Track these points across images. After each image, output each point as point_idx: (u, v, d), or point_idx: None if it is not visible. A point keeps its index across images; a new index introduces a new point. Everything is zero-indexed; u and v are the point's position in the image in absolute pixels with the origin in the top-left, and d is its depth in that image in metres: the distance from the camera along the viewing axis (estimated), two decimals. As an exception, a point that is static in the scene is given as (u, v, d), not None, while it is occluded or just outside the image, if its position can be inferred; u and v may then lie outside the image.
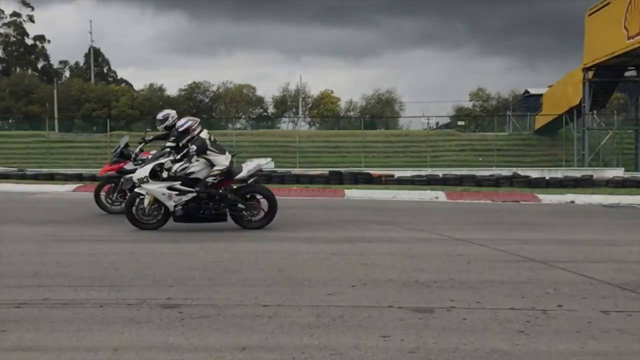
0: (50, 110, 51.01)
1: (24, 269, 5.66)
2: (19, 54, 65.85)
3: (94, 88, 55.44)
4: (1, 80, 57.11)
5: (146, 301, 4.50)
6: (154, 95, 59.63)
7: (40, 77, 62.22)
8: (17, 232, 8.04)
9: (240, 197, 8.37)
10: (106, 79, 65.00)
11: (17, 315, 4.12)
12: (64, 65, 68.92)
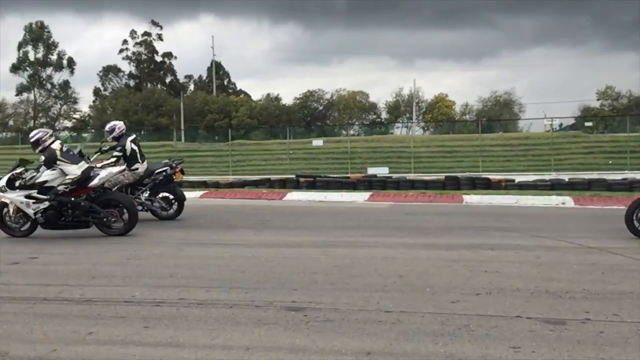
0: (177, 122, 54.51)
1: (161, 270, 6.08)
2: (149, 71, 71.02)
3: (216, 100, 58.51)
4: (134, 95, 61.89)
5: (272, 303, 4.66)
6: (271, 104, 61.86)
7: (168, 91, 66.68)
8: (153, 236, 8.64)
9: (98, 205, 8.45)
10: (227, 91, 68.32)
11: (157, 313, 4.44)
12: (189, 80, 73.41)
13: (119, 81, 71.24)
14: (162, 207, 10.66)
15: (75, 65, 68.88)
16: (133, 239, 8.29)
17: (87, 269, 6.12)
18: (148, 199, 10.58)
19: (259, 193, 17.17)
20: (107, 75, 70.99)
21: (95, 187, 8.63)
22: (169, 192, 10.73)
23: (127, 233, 8.56)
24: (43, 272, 6.03)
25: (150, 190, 10.60)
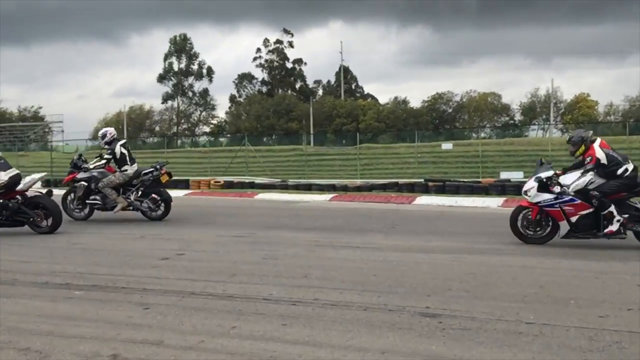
0: (307, 126, 56.00)
1: (296, 270, 6.27)
2: (280, 77, 73.72)
3: (344, 104, 59.34)
4: (267, 101, 64.53)
5: (406, 308, 4.63)
6: (398, 108, 61.55)
7: (298, 97, 68.74)
8: (287, 237, 8.95)
9: (27, 207, 9.31)
10: (354, 95, 69.06)
11: (294, 312, 4.58)
12: (318, 85, 75.16)
13: (252, 88, 74.70)
14: (150, 208, 11.31)
15: (213, 74, 73.39)
16: (268, 239, 8.66)
17: (227, 267, 6.48)
18: (137, 200, 11.27)
19: (387, 197, 17.16)
20: (242, 83, 74.72)
21: (22, 191, 9.51)
22: (156, 193, 11.33)
23: (53, 232, 9.37)
24: (189, 268, 6.47)
25: (139, 191, 11.27)
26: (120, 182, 11.25)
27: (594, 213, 7.55)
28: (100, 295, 5.20)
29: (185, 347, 3.77)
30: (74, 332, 4.08)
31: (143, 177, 11.37)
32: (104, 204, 11.38)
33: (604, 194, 7.46)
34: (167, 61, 72.66)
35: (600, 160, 7.51)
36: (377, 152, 35.34)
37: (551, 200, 7.66)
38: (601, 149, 7.64)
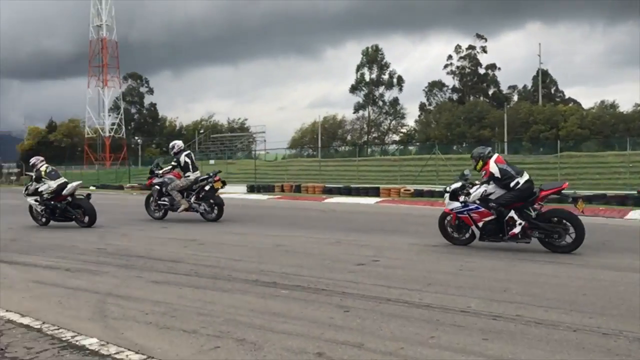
0: (500, 134, 53.71)
1: (494, 283, 6.04)
2: (472, 84, 71.82)
3: (542, 110, 55.85)
4: (457, 109, 63.26)
5: (623, 333, 4.19)
6: (605, 113, 56.22)
7: (490, 103, 66.34)
8: (482, 249, 8.66)
9: (72, 207, 12.31)
10: (553, 100, 64.69)
11: (494, 327, 4.41)
12: (513, 90, 71.85)
13: (442, 95, 73.88)
14: (206, 210, 13.08)
15: (403, 83, 74.11)
16: (462, 250, 8.46)
17: (423, 276, 6.46)
18: (196, 202, 13.05)
19: (594, 210, 15.72)
20: (432, 91, 74.28)
21: (67, 195, 12.26)
22: (211, 198, 13.03)
23: (90, 226, 12.04)
24: (385, 275, 6.57)
25: (197, 196, 13.05)
26: (183, 186, 13.08)
27: (497, 219, 8.42)
28: (303, 296, 5.51)
29: (385, 352, 3.83)
30: (282, 328, 4.38)
31: (200, 182, 13.05)
32: (171, 205, 13.25)
33: (501, 204, 8.35)
34: (359, 72, 75.07)
35: (494, 174, 8.43)
36: (581, 160, 32.62)
37: (460, 207, 8.76)
38: (496, 164, 8.48)
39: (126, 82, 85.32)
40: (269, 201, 24.02)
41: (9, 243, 9.61)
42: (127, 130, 79.24)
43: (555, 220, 8.29)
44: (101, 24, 71.61)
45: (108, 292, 5.70)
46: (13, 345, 4.00)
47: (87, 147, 73.64)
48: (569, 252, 8.04)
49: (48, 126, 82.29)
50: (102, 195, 30.82)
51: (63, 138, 78.52)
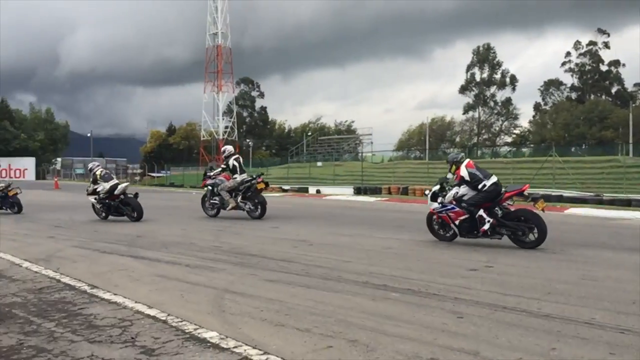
0: (625, 135, 50.04)
1: (621, 295, 5.63)
2: (593, 81, 67.54)
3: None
4: (576, 108, 59.74)
5: None
6: None
7: (613, 102, 62.03)
8: (606, 257, 8.13)
9: (124, 205, 14.14)
10: (687, 97, 59.25)
11: (623, 341, 4.10)
12: (638, 88, 66.64)
13: (560, 95, 70.13)
14: (250, 209, 14.38)
15: (516, 82, 71.19)
16: (584, 258, 7.98)
17: (541, 284, 6.15)
18: (242, 202, 14.40)
19: None
20: (548, 90, 70.74)
21: (118, 195, 14.16)
22: (255, 197, 14.35)
23: (138, 221, 13.74)
24: (499, 281, 6.33)
25: (243, 195, 14.39)
26: (231, 187, 14.47)
27: (470, 218, 9.25)
28: (414, 299, 5.44)
29: (503, 362, 3.69)
30: (394, 332, 4.35)
31: (245, 184, 14.40)
32: (221, 204, 14.69)
33: (471, 204, 9.23)
34: (469, 72, 73.13)
35: (464, 177, 9.38)
36: None
37: (439, 208, 9.66)
38: (466, 168, 9.41)
39: (239, 86, 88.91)
40: (376, 203, 24.00)
41: (135, 239, 10.32)
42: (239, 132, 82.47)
43: (521, 219, 9.08)
44: (217, 32, 75.05)
45: (225, 289, 5.95)
46: (142, 335, 4.29)
47: (202, 149, 77.46)
48: (534, 248, 8.78)
49: (168, 129, 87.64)
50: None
51: (181, 140, 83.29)
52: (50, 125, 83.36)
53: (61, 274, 6.80)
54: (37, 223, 13.67)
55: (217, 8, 74.58)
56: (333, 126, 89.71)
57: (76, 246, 9.39)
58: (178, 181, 53.11)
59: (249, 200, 14.34)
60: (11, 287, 6.10)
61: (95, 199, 14.51)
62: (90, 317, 4.83)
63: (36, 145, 76.70)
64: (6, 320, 4.75)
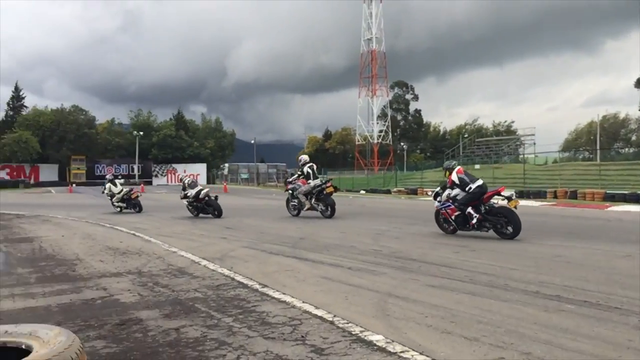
0: None
1: None
2: None
3: None
4: None
5: None
6: None
7: None
8: None
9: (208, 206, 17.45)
10: None
11: None
12: None
13: None
14: (322, 210, 16.33)
15: None
16: None
17: None
18: (315, 203, 16.44)
19: None
20: None
21: (203, 198, 17.31)
22: (326, 200, 16.30)
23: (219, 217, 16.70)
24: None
25: (316, 198, 16.41)
26: (306, 191, 16.48)
27: (462, 214, 11.19)
28: (592, 312, 5.03)
29: None
30: (572, 346, 4.05)
31: (317, 188, 16.42)
32: (299, 205, 16.81)
33: (461, 202, 11.20)
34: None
35: (455, 181, 11.38)
36: None
37: (440, 205, 11.71)
38: (457, 174, 11.39)
39: (393, 90, 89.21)
40: (542, 208, 22.61)
41: (299, 241, 10.76)
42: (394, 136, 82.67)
43: (499, 215, 10.81)
44: (371, 37, 76.08)
45: (388, 292, 5.98)
46: (311, 334, 4.45)
47: (357, 154, 78.86)
48: (512, 239, 10.46)
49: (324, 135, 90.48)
50: (370, 198, 32.68)
51: (337, 145, 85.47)
52: (219, 133, 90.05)
53: (235, 273, 7.30)
54: (210, 224, 14.83)
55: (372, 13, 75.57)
56: (491, 127, 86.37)
57: (245, 247, 10.02)
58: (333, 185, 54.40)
59: (321, 202, 16.41)
60: (193, 284, 6.67)
61: (187, 202, 17.83)
62: (263, 314, 5.12)
63: (207, 152, 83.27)
64: (190, 313, 5.20)
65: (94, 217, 17.75)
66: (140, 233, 12.50)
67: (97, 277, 7.17)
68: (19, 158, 68.25)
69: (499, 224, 10.75)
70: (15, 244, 11.10)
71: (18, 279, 7.25)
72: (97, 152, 78.10)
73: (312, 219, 15.47)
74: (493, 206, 11.01)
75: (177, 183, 73.61)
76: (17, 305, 5.68)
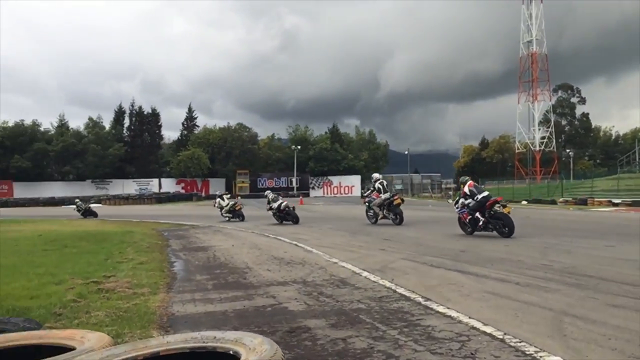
0: None
1: None
2: None
3: None
4: None
5: None
6: None
7: None
8: None
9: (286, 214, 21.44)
10: None
11: None
12: None
13: None
14: (393, 219, 18.83)
15: None
16: None
17: None
18: (386, 213, 19.08)
19: None
20: None
21: (284, 209, 21.21)
22: (395, 210, 18.95)
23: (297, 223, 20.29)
24: None
25: (387, 208, 19.08)
26: (380, 203, 19.22)
27: (473, 218, 14.13)
28: None
29: None
30: None
31: (387, 200, 19.07)
32: (374, 215, 19.40)
33: (471, 209, 14.17)
34: None
35: (466, 193, 14.52)
36: None
37: (458, 211, 14.90)
38: (468, 187, 14.58)
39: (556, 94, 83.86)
40: None
41: (460, 254, 10.45)
42: (558, 143, 77.57)
43: (498, 219, 13.60)
44: (531, 39, 72.35)
45: (562, 311, 5.57)
46: (481, 352, 4.27)
47: (517, 162, 75.09)
48: (509, 237, 13.10)
49: (480, 143, 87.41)
50: (534, 210, 30.86)
51: (494, 154, 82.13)
52: (372, 145, 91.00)
53: (396, 285, 7.28)
54: (369, 236, 14.99)
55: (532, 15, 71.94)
56: None
57: (405, 259, 9.96)
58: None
59: (391, 212, 19.02)
60: (355, 294, 6.76)
61: (272, 213, 21.88)
62: (428, 328, 5.03)
63: (361, 164, 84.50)
64: (355, 324, 5.27)
65: (258, 229, 18.81)
66: (302, 244, 12.99)
67: (266, 286, 7.57)
68: (192, 173, 74.74)
69: (497, 226, 13.64)
70: (192, 252, 12.12)
71: (197, 285, 7.90)
72: (259, 166, 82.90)
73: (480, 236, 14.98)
74: (495, 212, 13.69)
75: (333, 195, 75.69)
76: (199, 310, 6.17)
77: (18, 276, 8.18)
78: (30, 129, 74.97)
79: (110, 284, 7.51)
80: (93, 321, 5.44)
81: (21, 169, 70.62)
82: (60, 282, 7.69)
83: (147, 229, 19.64)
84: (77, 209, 32.22)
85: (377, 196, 19.37)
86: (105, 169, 74.39)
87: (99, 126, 78.94)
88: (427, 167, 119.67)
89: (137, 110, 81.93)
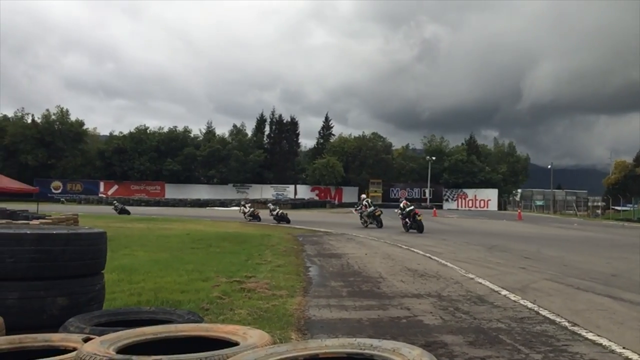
0: None
1: None
2: None
3: None
4: None
5: None
6: None
7: None
8: None
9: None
10: None
11: None
12: None
13: None
14: (416, 229, 22.44)
15: None
16: None
17: None
18: (370, 221, 25.54)
19: None
20: None
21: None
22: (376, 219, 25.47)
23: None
24: None
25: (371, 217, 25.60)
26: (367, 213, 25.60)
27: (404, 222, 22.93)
28: None
29: None
30: None
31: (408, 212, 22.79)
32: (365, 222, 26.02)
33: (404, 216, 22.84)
34: None
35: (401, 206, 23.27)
36: None
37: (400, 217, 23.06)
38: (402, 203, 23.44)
39: None
40: None
41: (611, 278, 9.66)
42: None
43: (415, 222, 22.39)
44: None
45: None
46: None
47: (678, 181, 67.83)
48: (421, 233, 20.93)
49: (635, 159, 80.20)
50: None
51: (652, 171, 74.85)
52: (512, 158, 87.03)
53: (539, 307, 6.88)
54: (507, 252, 14.33)
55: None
56: None
57: (548, 279, 9.39)
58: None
59: (413, 222, 22.66)
60: (494, 313, 6.50)
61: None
62: (576, 355, 4.71)
63: (498, 178, 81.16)
64: (495, 344, 5.06)
65: (390, 239, 18.75)
66: (436, 257, 12.74)
67: (400, 297, 7.51)
68: (326, 181, 76.40)
69: (415, 228, 22.10)
70: (327, 258, 12.37)
71: (332, 291, 8.04)
72: (392, 176, 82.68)
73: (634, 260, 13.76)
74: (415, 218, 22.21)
75: (467, 208, 73.46)
76: (334, 316, 6.28)
77: (170, 271, 8.87)
78: (182, 135, 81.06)
79: (251, 284, 7.88)
80: (237, 318, 5.73)
81: (172, 171, 76.56)
82: (207, 279, 8.21)
83: (283, 233, 20.37)
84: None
85: (365, 209, 26.33)
86: (246, 174, 78.36)
87: (241, 133, 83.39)
88: (571, 182, 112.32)
89: (277, 118, 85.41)
